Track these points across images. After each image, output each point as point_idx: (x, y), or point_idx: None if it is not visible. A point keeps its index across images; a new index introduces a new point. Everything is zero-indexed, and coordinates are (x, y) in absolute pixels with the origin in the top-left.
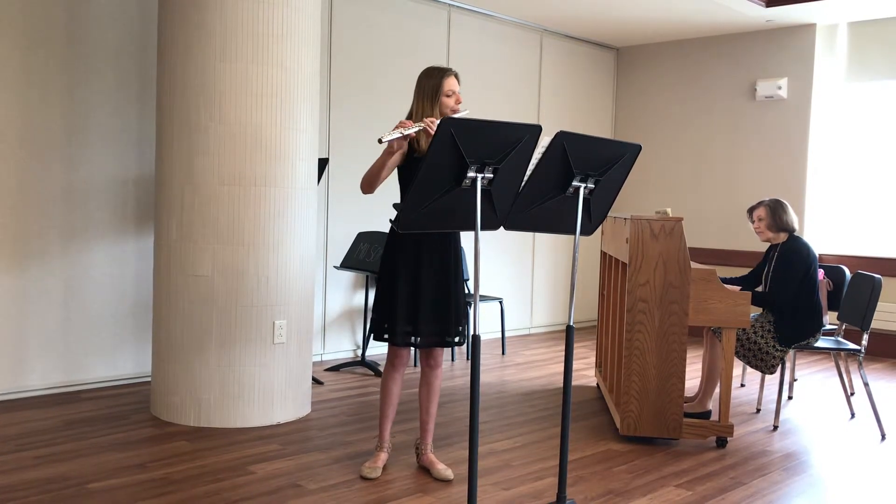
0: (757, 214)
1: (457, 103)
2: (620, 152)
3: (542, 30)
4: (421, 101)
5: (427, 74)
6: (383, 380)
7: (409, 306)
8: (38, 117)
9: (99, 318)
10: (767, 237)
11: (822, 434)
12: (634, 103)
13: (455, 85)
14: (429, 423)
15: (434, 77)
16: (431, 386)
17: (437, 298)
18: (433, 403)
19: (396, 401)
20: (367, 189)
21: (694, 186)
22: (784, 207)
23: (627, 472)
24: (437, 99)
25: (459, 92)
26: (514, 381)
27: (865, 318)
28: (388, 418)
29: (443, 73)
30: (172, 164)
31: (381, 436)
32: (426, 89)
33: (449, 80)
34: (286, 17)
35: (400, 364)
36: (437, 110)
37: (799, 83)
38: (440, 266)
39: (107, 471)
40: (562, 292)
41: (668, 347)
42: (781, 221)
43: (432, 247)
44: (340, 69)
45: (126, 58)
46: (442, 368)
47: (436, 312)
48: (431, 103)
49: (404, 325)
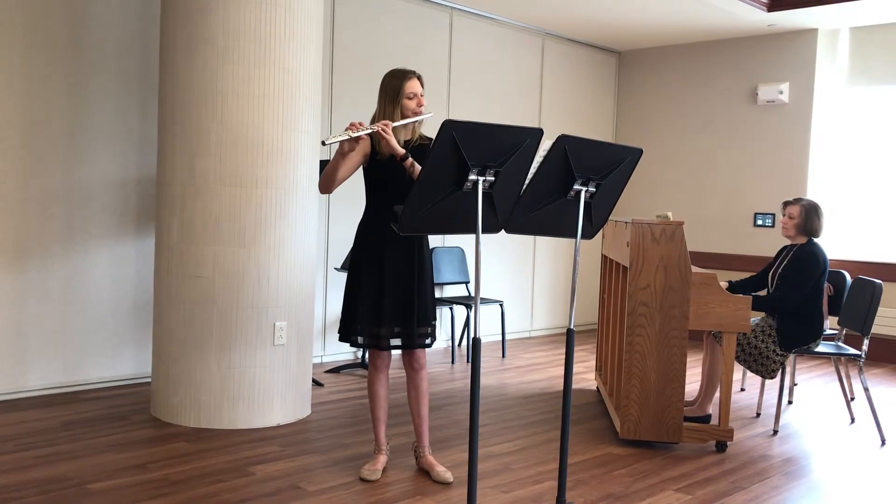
0: (790, 212)
1: (418, 106)
2: (622, 156)
3: (544, 33)
4: (383, 102)
5: (390, 75)
6: (369, 382)
7: (372, 308)
8: (40, 118)
9: (99, 319)
10: (790, 234)
11: (821, 439)
12: (636, 107)
13: (417, 87)
14: (422, 425)
15: (396, 79)
16: (418, 389)
17: (403, 298)
18: (423, 406)
19: (385, 402)
20: (323, 189)
21: (695, 190)
22: (818, 213)
23: (627, 476)
24: (399, 101)
25: (422, 95)
26: (514, 384)
27: (866, 324)
28: (380, 420)
29: (404, 76)
30: (174, 165)
31: (377, 439)
32: (388, 91)
33: (410, 82)
34: (288, 18)
35: (382, 365)
36: (399, 112)
37: (800, 88)
38: (404, 266)
39: (106, 471)
40: (562, 295)
41: (669, 351)
42: (811, 225)
43: (395, 247)
44: (342, 71)
45: (128, 59)
46: (426, 370)
47: (402, 313)
48: (393, 105)
49: (370, 327)
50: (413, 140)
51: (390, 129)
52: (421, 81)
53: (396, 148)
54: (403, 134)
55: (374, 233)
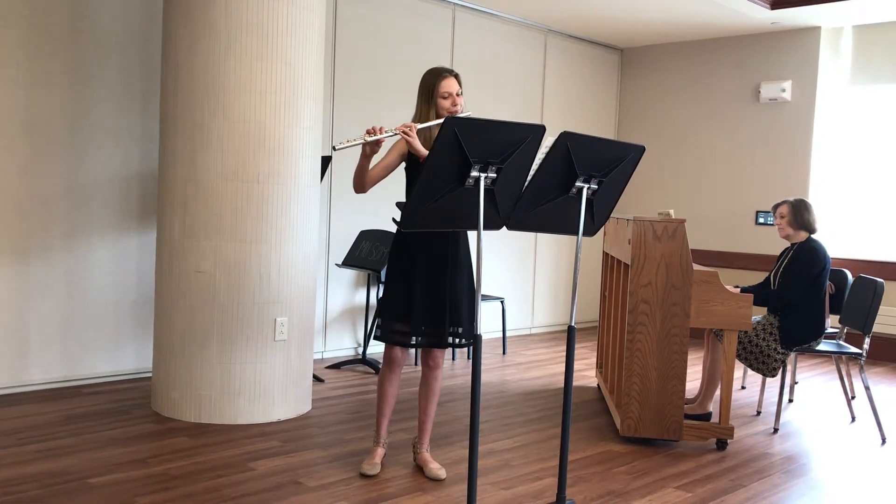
0: (780, 211)
1: (453, 105)
2: (624, 153)
3: (546, 30)
4: (420, 101)
5: (427, 73)
6: (380, 379)
7: (402, 305)
8: (42, 113)
9: (100, 314)
10: (787, 234)
11: (822, 437)
12: (638, 104)
13: (452, 86)
14: (426, 423)
15: (432, 77)
16: (431, 387)
17: (435, 298)
18: (431, 404)
19: (393, 400)
20: (357, 189)
21: (697, 188)
22: (807, 207)
23: (627, 474)
24: (433, 100)
25: (460, 94)
26: (514, 380)
27: (867, 322)
28: (384, 416)
29: (439, 74)
30: (175, 161)
31: (378, 431)
32: (424, 89)
33: (445, 81)
34: (290, 13)
35: (395, 364)
36: (434, 112)
37: (803, 86)
38: (438, 265)
39: (107, 466)
40: (563, 293)
41: (670, 349)
42: (803, 220)
43: (430, 246)
44: (345, 66)
45: (130, 54)
46: (442, 370)
47: (432, 313)
48: (428, 104)
49: (397, 325)
50: None
51: (414, 132)
52: (458, 80)
53: (419, 149)
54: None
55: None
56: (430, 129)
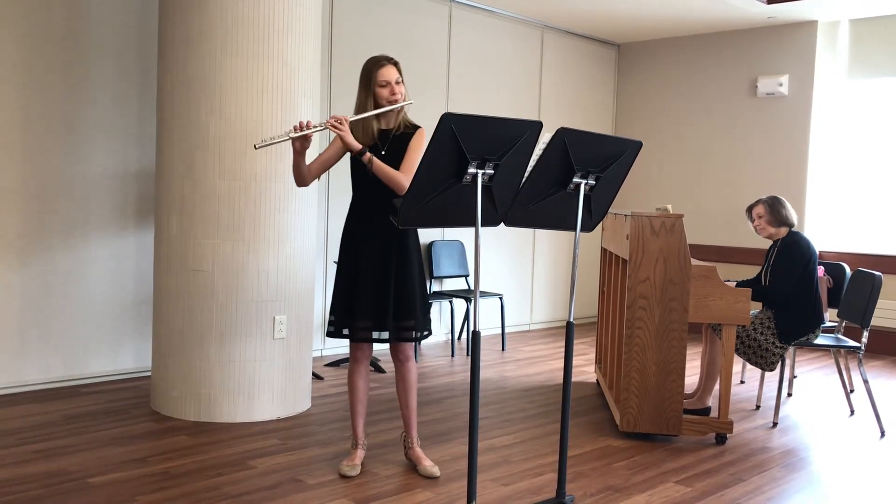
0: (756, 212)
1: (392, 94)
2: (621, 149)
3: (543, 26)
4: (359, 90)
5: (366, 62)
6: (348, 375)
7: (347, 300)
8: (39, 111)
9: (99, 313)
10: (769, 233)
11: (821, 431)
12: (635, 100)
13: (390, 75)
14: (410, 417)
15: (369, 66)
16: (406, 381)
17: (377, 292)
18: (411, 397)
19: (364, 396)
20: (298, 184)
21: (694, 183)
22: (781, 202)
23: (627, 469)
24: (371, 89)
25: (399, 81)
26: (513, 377)
27: (865, 316)
28: (358, 414)
29: (377, 63)
30: (173, 159)
31: (355, 433)
32: (363, 78)
33: (383, 69)
34: (287, 11)
35: (362, 357)
36: (371, 101)
37: (800, 80)
38: (379, 258)
39: (107, 465)
40: (562, 288)
41: (668, 344)
42: (780, 216)
43: (370, 240)
44: (341, 65)
45: (127, 52)
46: (413, 362)
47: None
48: (366, 93)
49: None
50: (395, 129)
51: (346, 125)
52: (398, 68)
53: (351, 143)
54: (383, 123)
55: (351, 226)
56: (368, 121)
